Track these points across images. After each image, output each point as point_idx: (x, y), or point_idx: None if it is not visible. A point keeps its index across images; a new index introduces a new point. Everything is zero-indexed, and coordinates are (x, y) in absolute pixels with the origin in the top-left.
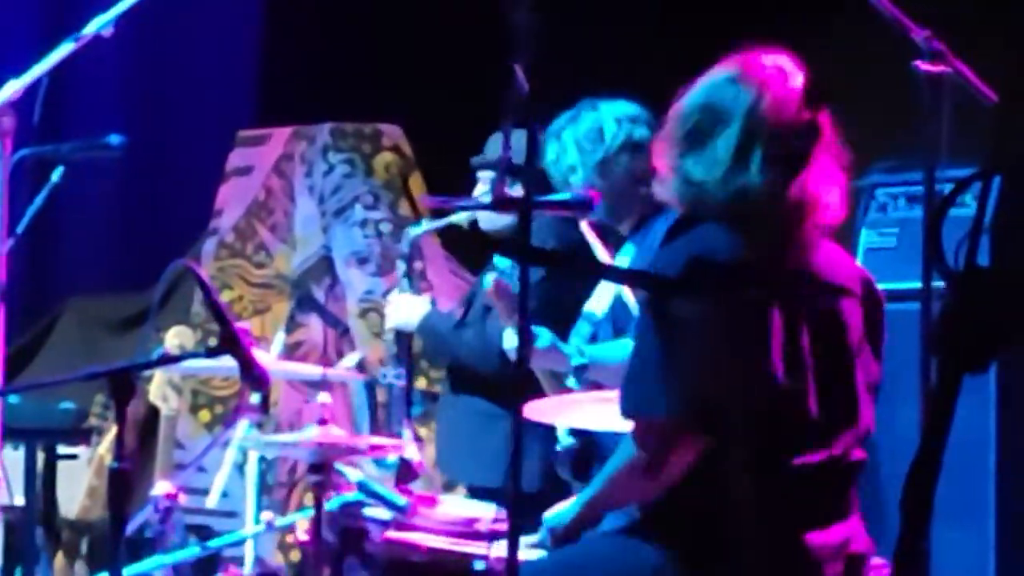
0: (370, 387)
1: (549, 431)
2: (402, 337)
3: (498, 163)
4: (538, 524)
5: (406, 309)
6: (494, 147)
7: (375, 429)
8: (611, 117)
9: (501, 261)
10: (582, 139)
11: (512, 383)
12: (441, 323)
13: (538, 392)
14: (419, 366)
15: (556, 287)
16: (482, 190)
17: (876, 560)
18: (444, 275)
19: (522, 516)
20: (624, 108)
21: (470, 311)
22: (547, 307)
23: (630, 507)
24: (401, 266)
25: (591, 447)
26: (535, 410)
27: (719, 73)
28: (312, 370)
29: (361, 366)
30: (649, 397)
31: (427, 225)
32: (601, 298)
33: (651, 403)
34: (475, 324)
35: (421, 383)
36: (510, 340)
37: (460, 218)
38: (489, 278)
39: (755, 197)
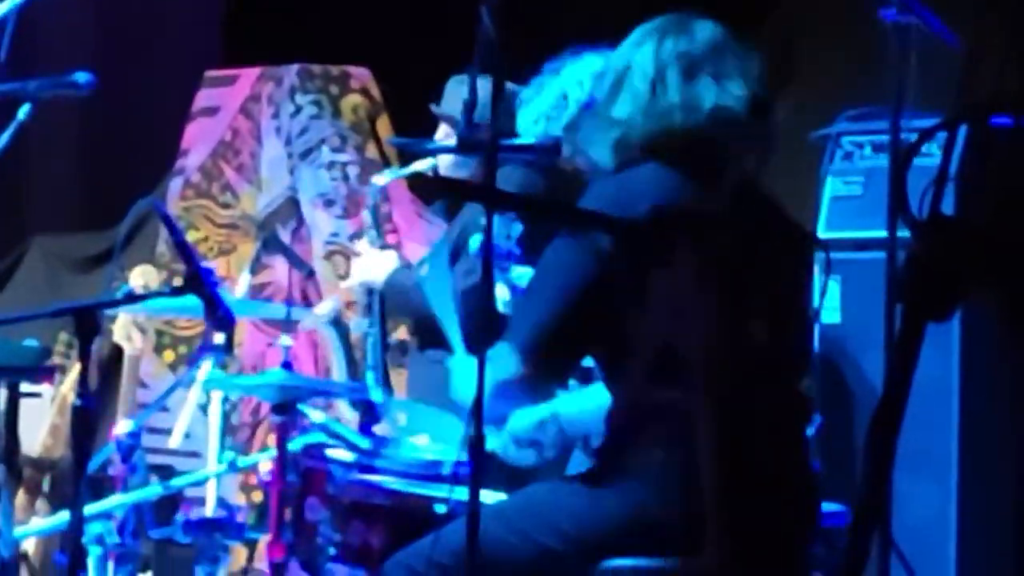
0: (343, 331)
1: None
2: (371, 290)
3: (456, 115)
4: (501, 474)
5: (372, 265)
6: (452, 91)
7: (352, 372)
8: (574, 80)
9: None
10: (548, 111)
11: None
12: (406, 278)
13: None
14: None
15: (540, 240)
16: (442, 135)
17: (836, 507)
18: (411, 219)
19: (485, 463)
20: (590, 64)
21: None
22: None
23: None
24: (368, 218)
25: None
26: None
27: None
28: (276, 311)
29: (337, 319)
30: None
31: (392, 174)
32: None
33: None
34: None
35: (399, 333)
36: (504, 293)
37: (424, 166)
38: (476, 240)
39: (678, 118)
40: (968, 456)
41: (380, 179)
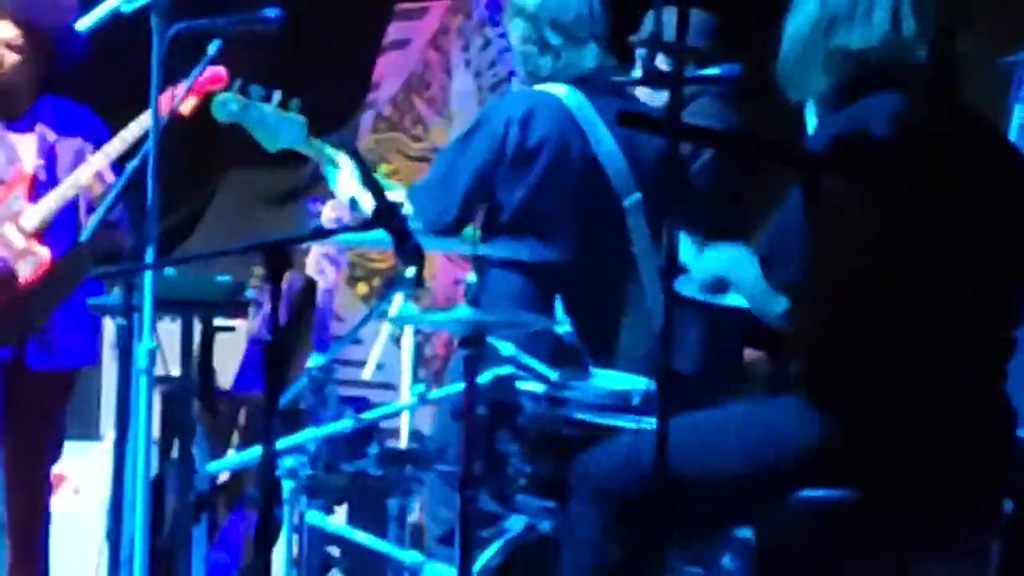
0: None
1: (717, 313)
2: None
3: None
4: (692, 406)
5: None
6: (650, 24)
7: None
8: None
9: None
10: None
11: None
12: None
13: None
14: None
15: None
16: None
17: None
18: None
19: (676, 396)
20: None
21: None
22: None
23: None
24: None
25: None
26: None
27: None
28: (464, 245)
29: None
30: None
31: None
32: None
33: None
34: None
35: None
36: None
37: None
38: None
39: (914, 58)
40: None
41: None
